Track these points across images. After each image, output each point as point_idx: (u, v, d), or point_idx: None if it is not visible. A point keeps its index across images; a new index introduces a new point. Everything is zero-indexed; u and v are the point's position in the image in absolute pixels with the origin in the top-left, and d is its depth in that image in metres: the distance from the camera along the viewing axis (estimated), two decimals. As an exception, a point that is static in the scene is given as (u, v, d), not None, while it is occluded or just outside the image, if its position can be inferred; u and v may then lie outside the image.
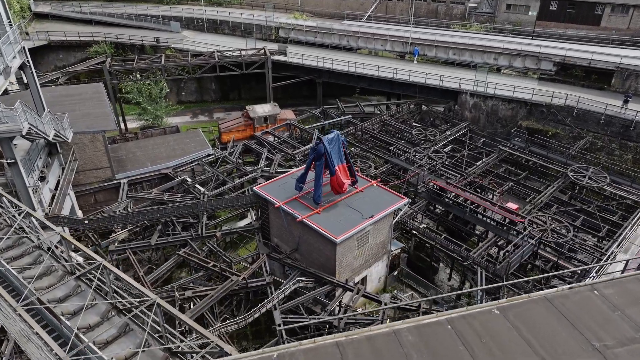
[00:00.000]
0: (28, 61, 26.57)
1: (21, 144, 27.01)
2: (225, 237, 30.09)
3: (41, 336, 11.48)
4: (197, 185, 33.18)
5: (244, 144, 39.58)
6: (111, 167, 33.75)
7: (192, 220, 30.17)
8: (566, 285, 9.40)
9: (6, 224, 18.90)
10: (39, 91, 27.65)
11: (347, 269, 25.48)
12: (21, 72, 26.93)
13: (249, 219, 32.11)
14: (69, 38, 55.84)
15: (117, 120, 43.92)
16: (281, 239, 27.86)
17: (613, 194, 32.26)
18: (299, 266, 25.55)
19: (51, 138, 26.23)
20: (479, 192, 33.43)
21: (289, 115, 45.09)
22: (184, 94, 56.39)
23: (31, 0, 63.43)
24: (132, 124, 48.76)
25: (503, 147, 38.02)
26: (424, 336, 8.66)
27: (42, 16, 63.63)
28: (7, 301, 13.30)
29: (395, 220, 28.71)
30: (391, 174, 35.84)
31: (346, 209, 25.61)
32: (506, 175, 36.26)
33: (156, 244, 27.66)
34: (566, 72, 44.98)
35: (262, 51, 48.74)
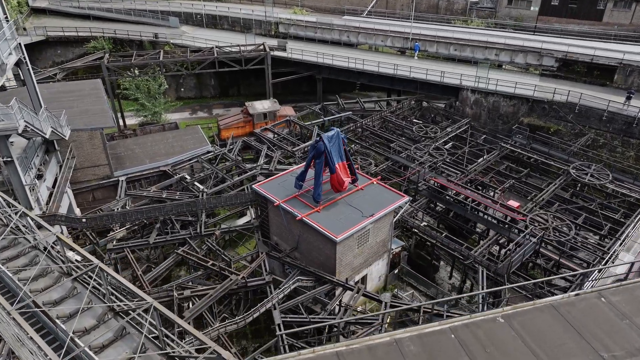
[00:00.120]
0: (24, 58, 26.20)
1: (18, 141, 26.73)
2: (224, 235, 29.87)
3: (35, 341, 11.25)
4: (196, 183, 32.94)
5: (243, 140, 39.29)
6: (109, 164, 33.49)
7: (191, 219, 29.98)
8: (572, 292, 9.13)
9: (2, 224, 18.65)
10: (36, 88, 27.32)
11: (347, 267, 25.28)
12: (18, 68, 26.61)
13: (248, 216, 31.87)
14: (66, 33, 55.38)
15: (116, 117, 43.58)
16: (281, 237, 27.64)
17: (615, 191, 32.01)
18: (298, 265, 25.36)
19: (48, 136, 25.93)
20: (480, 189, 33.17)
21: (288, 112, 44.74)
22: (182, 90, 56.04)
23: (29, -5, 63.03)
24: (131, 121, 48.41)
25: (504, 144, 37.73)
26: (427, 346, 8.40)
27: (39, 11, 63.17)
28: (2, 305, 13.07)
29: (396, 218, 28.49)
30: (391, 171, 35.59)
31: (346, 208, 25.39)
32: (507, 172, 35.98)
33: (155, 242, 27.47)
34: (568, 68, 44.58)
35: (261, 47, 48.32)
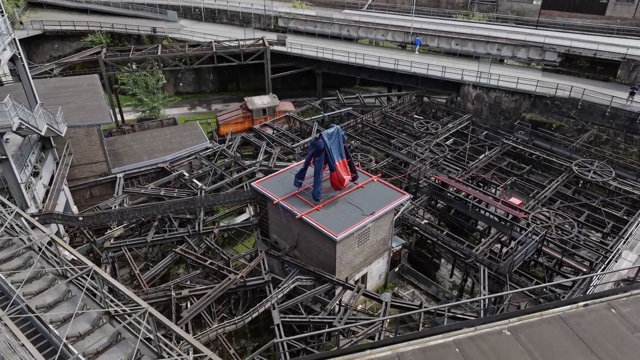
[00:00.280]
0: (19, 53, 25.75)
1: (13, 138, 26.28)
2: (222, 233, 29.56)
3: (27, 349, 10.95)
4: (195, 180, 32.58)
5: (242, 136, 38.89)
6: (107, 161, 33.09)
7: (189, 216, 29.67)
8: (581, 303, 8.81)
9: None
10: (31, 84, 26.89)
11: (347, 266, 24.99)
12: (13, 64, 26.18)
13: (247, 214, 31.55)
14: (64, 27, 54.78)
15: (113, 112, 43.12)
16: (280, 235, 27.34)
17: (618, 188, 31.63)
18: (298, 264, 25.07)
19: (44, 133, 25.51)
20: (482, 186, 32.83)
21: (288, 107, 44.30)
22: (181, 84, 55.54)
23: (25, -11, 62.29)
24: (129, 116, 47.94)
25: (506, 140, 37.29)
26: None
27: (36, 5, 62.54)
28: (-6, 309, 12.77)
29: (397, 216, 28.17)
30: (392, 168, 35.20)
31: (346, 206, 25.07)
32: (509, 169, 35.60)
33: (152, 240, 27.16)
34: (571, 63, 44.05)
35: (260, 41, 47.79)
